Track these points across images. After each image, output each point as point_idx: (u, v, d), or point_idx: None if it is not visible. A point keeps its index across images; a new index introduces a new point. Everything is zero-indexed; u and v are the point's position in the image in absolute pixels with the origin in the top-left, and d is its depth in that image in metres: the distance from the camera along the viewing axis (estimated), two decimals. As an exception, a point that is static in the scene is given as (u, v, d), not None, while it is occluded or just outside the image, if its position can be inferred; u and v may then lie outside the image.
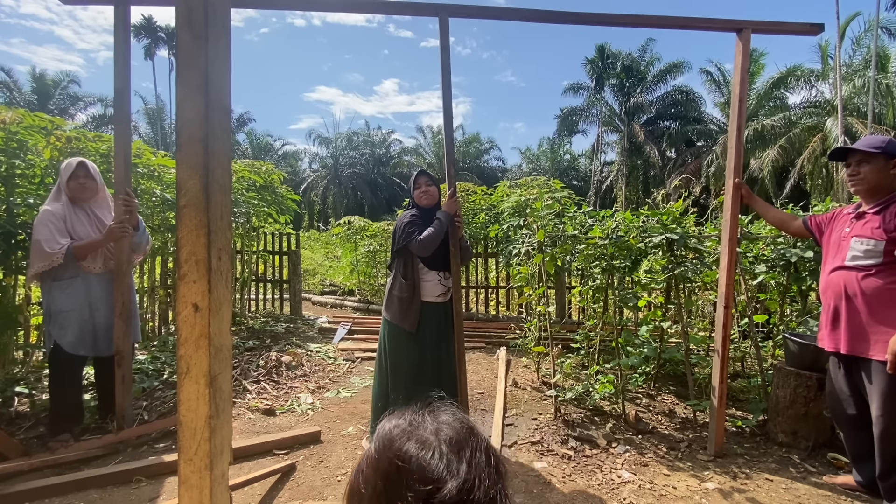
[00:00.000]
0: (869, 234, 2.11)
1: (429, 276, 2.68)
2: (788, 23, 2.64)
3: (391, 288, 2.72)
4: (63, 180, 2.65)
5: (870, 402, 2.13)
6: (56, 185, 2.71)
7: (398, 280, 2.68)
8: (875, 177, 2.15)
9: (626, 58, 27.60)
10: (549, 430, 2.94)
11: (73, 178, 2.64)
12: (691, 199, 18.33)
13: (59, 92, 28.70)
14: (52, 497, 2.16)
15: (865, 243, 2.11)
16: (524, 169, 38.78)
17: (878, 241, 2.07)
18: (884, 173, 2.14)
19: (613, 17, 2.69)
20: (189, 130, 0.96)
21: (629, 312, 4.36)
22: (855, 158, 2.23)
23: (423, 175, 2.77)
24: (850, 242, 2.17)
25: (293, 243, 6.48)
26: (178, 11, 0.97)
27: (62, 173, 2.66)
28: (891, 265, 2.05)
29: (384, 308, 2.75)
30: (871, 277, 2.09)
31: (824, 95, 20.69)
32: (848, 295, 2.15)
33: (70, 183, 2.65)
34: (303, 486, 2.32)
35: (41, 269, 2.53)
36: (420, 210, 2.73)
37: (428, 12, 2.53)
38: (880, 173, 2.14)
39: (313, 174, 38.38)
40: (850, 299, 2.15)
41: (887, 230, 2.06)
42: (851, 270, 2.15)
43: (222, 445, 1.02)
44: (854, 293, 2.13)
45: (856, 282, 2.13)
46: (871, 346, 2.08)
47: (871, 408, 2.12)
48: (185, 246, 0.96)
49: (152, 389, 3.37)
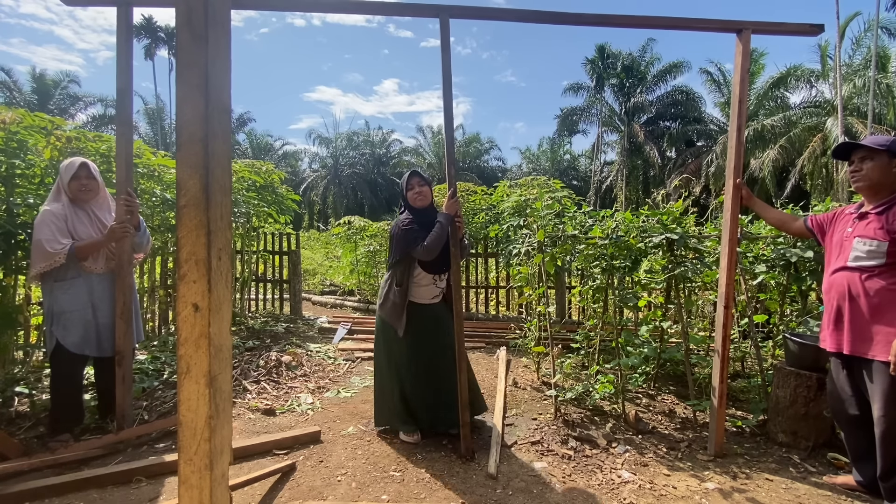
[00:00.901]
0: (872, 234, 2.11)
1: (424, 280, 2.74)
2: (788, 23, 2.65)
3: (386, 291, 2.78)
4: (64, 181, 2.64)
5: (871, 402, 2.13)
6: (55, 185, 2.69)
7: (392, 286, 2.73)
8: (877, 174, 2.15)
9: (627, 58, 27.60)
10: (549, 430, 2.94)
11: (74, 178, 2.63)
12: (691, 199, 18.35)
13: (59, 92, 28.69)
14: (51, 497, 2.16)
15: (868, 244, 2.11)
16: (524, 169, 38.80)
17: (882, 242, 2.07)
18: (886, 171, 2.13)
19: (613, 18, 2.69)
20: (189, 130, 0.96)
21: (629, 312, 4.36)
22: (858, 155, 2.22)
23: (416, 176, 2.78)
24: (853, 243, 2.17)
25: (293, 243, 6.48)
26: (178, 11, 0.97)
27: (63, 174, 2.65)
28: (894, 266, 2.05)
29: (378, 306, 2.82)
30: (874, 278, 2.09)
31: (824, 95, 20.69)
32: (851, 295, 2.15)
33: (72, 183, 2.64)
34: (303, 486, 2.32)
35: (43, 269, 2.52)
36: (415, 212, 2.74)
37: (428, 13, 2.53)
38: (883, 171, 2.14)
39: (313, 174, 38.37)
40: (854, 300, 2.14)
41: (890, 231, 2.06)
42: (854, 271, 2.15)
43: (222, 445, 1.02)
44: (857, 294, 2.13)
45: (859, 282, 2.12)
46: (874, 347, 2.08)
47: (873, 408, 2.12)
48: (185, 246, 0.96)
49: (152, 389, 3.37)
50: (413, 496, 2.26)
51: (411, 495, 2.26)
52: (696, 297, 4.05)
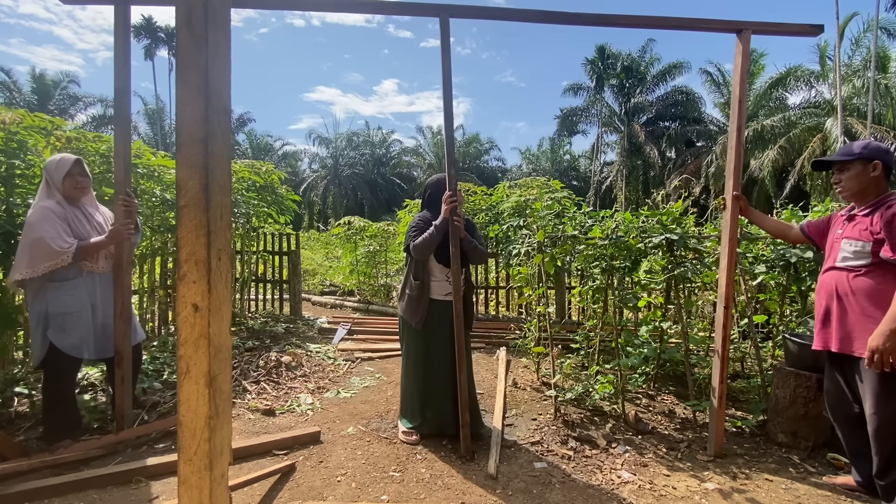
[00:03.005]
0: (857, 235, 2.18)
1: (437, 275, 2.79)
2: (788, 24, 2.65)
3: (403, 285, 2.87)
4: (56, 178, 2.55)
5: (863, 400, 2.16)
6: (44, 183, 2.58)
7: (409, 279, 2.81)
8: (855, 182, 2.23)
9: (626, 58, 27.61)
10: (549, 431, 2.94)
11: (69, 176, 2.56)
12: (691, 200, 18.34)
13: (58, 92, 28.68)
14: (51, 497, 2.15)
15: (854, 244, 2.18)
16: (524, 169, 38.79)
17: (866, 243, 2.13)
18: (864, 177, 2.21)
19: (613, 18, 2.68)
20: (189, 130, 0.96)
21: (629, 313, 4.36)
22: (835, 167, 2.32)
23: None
24: (841, 244, 2.24)
25: (293, 243, 6.48)
26: (177, 11, 0.97)
27: (53, 171, 2.55)
28: (879, 266, 2.10)
29: (398, 301, 2.92)
30: (860, 277, 2.14)
31: (824, 96, 20.70)
32: (839, 294, 2.21)
33: (66, 181, 2.56)
34: (302, 487, 2.32)
35: (48, 269, 2.43)
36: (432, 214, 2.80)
37: (428, 13, 2.53)
38: (860, 178, 2.21)
39: (313, 174, 38.37)
40: (841, 299, 2.20)
41: (873, 232, 2.12)
42: (842, 271, 2.21)
43: (222, 446, 1.02)
44: (844, 293, 2.19)
45: (846, 282, 2.18)
46: (859, 344, 2.12)
47: (865, 406, 2.15)
48: (185, 246, 0.96)
49: (152, 390, 3.37)
50: (413, 496, 2.26)
51: (411, 495, 2.26)
52: (695, 297, 4.05)
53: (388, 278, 8.17)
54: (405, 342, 2.87)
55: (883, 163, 2.18)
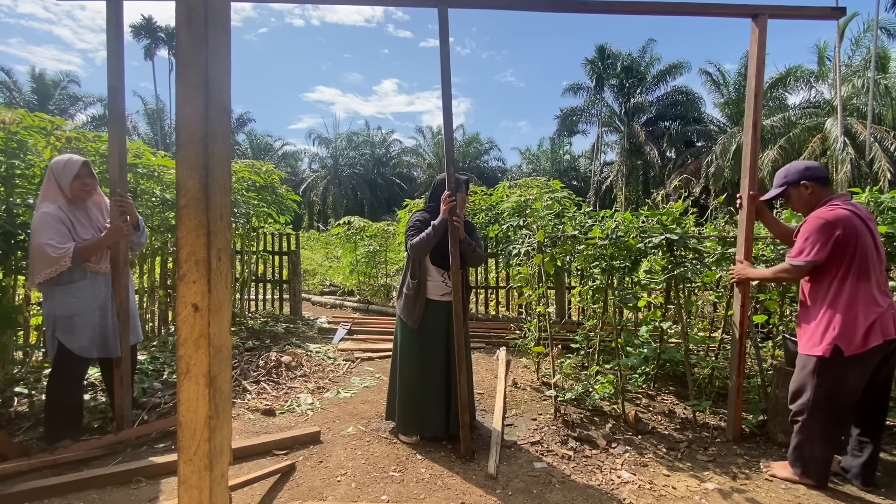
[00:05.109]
0: None
1: (434, 275, 2.76)
2: (807, 7, 2.57)
3: (401, 284, 2.85)
4: (65, 181, 2.55)
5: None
6: (48, 185, 2.58)
7: (407, 278, 2.80)
8: (799, 205, 2.39)
9: (626, 58, 27.60)
10: (549, 431, 2.94)
11: (77, 178, 2.56)
12: (691, 200, 18.34)
13: (58, 92, 28.69)
14: (51, 497, 2.15)
15: None
16: (524, 169, 38.78)
17: None
18: (802, 198, 2.36)
19: (622, 5, 2.60)
20: (189, 130, 0.96)
21: (629, 313, 4.36)
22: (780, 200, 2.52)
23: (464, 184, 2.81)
24: None
25: (293, 243, 6.48)
26: (177, 11, 0.97)
27: (60, 173, 2.55)
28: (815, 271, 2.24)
29: (396, 300, 2.92)
30: (807, 282, 2.33)
31: (823, 96, 20.72)
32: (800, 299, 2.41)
33: (74, 183, 2.56)
34: (302, 487, 2.32)
35: (48, 276, 2.44)
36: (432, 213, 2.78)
37: (427, 3, 2.50)
38: (800, 200, 2.37)
39: (313, 174, 38.36)
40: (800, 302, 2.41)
41: None
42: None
43: (222, 446, 1.02)
44: (801, 297, 2.40)
45: (802, 285, 2.38)
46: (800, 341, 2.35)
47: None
48: (185, 246, 0.96)
49: (152, 390, 3.37)
50: (413, 496, 2.26)
51: (411, 495, 2.26)
52: (695, 297, 4.05)
53: (388, 278, 8.17)
54: (399, 340, 2.83)
55: (809, 178, 2.31)
